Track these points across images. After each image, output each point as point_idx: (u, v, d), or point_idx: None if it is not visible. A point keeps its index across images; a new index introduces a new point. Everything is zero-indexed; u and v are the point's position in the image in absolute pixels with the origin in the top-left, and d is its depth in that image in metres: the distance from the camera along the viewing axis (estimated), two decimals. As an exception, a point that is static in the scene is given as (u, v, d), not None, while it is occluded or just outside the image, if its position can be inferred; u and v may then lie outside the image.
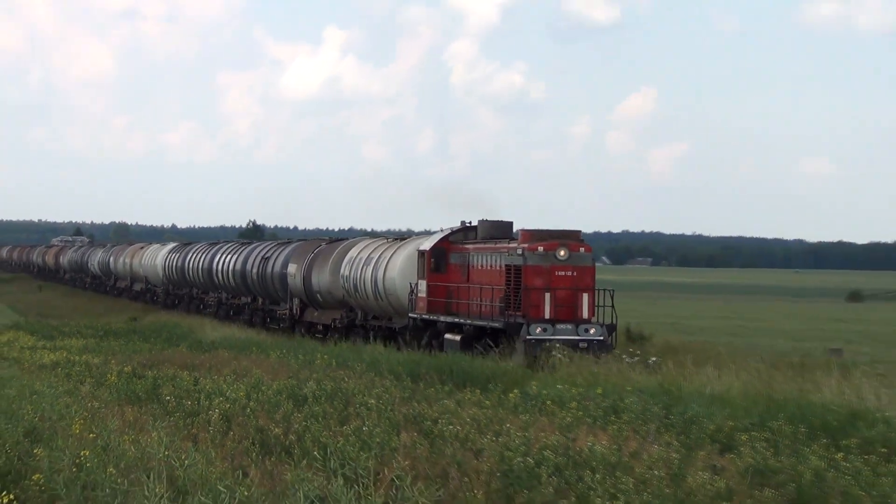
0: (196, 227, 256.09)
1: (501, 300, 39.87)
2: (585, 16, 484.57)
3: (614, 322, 39.67)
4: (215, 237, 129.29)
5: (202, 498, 12.12)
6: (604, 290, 40.11)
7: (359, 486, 13.93)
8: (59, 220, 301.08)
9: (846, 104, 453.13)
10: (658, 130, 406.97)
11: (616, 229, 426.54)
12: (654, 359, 34.95)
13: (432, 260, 45.14)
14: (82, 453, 15.02)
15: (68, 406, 20.85)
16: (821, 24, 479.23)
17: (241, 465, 16.03)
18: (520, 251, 39.34)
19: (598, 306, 39.86)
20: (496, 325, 39.31)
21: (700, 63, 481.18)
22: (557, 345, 36.53)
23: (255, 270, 68.88)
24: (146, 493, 12.33)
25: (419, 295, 45.74)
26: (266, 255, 67.52)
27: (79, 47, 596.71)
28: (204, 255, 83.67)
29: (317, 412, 21.37)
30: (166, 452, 15.53)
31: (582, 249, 39.83)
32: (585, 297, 39.36)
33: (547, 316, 38.34)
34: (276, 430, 19.30)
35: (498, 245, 42.63)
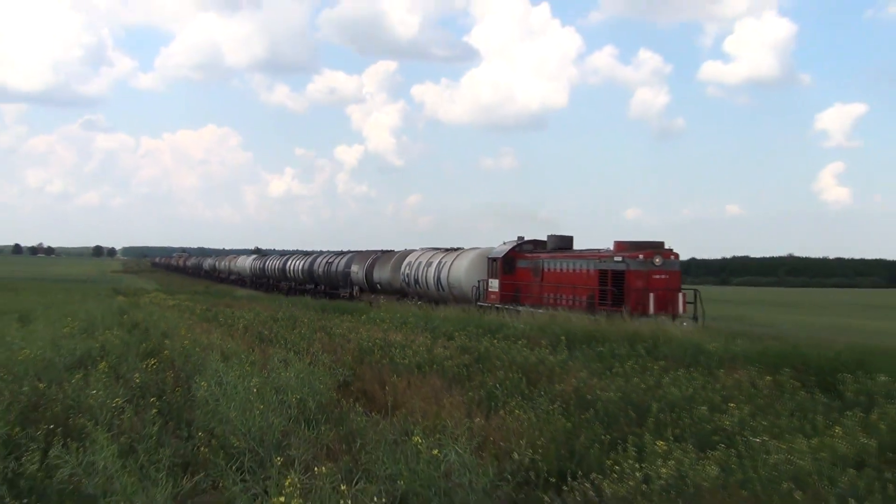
0: (229, 248, 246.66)
1: (589, 297, 25.38)
2: (388, 161, 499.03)
3: (698, 315, 24.03)
4: (241, 253, 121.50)
5: (235, 360, 12.30)
6: (692, 289, 24.52)
7: (300, 355, 14.16)
8: (174, 245, 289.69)
9: (503, 200, 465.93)
10: (422, 210, 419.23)
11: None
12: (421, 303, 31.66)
13: (503, 265, 30.27)
14: (185, 342, 15.30)
15: (179, 323, 20.90)
16: (489, 167, 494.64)
17: (251, 347, 16.19)
18: (619, 258, 24.64)
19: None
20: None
21: (441, 183, 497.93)
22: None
23: (321, 269, 56.16)
24: (212, 358, 12.62)
25: (490, 290, 31.06)
26: (329, 261, 55.27)
27: (182, 174, 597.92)
28: (278, 261, 71.10)
29: (282, 325, 21.39)
30: (220, 341, 15.86)
31: (672, 257, 24.49)
32: (679, 295, 24.00)
33: (651, 312, 23.86)
34: (266, 332, 19.32)
35: (584, 253, 27.26)
